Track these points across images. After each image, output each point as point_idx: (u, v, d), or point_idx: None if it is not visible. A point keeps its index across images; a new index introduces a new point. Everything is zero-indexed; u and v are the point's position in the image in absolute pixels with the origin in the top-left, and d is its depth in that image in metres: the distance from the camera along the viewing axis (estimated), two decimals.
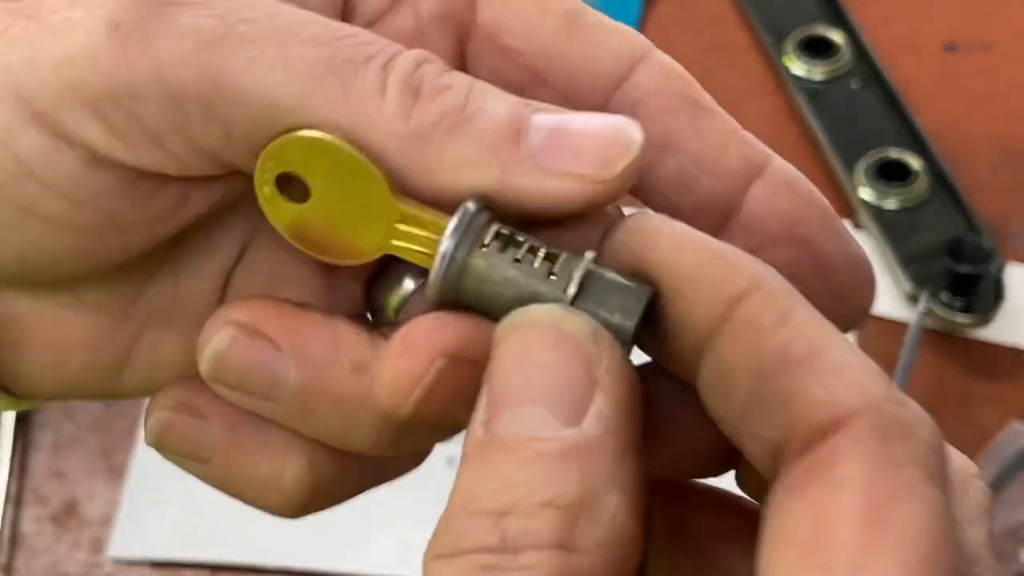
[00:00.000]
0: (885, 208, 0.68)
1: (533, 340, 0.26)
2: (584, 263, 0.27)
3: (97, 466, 0.63)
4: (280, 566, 0.59)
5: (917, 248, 0.67)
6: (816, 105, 0.73)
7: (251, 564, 0.59)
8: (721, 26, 0.78)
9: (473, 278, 0.28)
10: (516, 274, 0.28)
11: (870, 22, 0.76)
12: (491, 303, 0.28)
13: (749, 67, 0.76)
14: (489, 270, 0.28)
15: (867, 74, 0.74)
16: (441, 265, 0.28)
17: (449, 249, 0.28)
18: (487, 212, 0.28)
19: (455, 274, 0.28)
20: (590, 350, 0.26)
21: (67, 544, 0.61)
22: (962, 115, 0.73)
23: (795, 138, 0.73)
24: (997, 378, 0.64)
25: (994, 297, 0.65)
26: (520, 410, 0.26)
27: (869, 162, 0.70)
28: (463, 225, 0.28)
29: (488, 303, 0.28)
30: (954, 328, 0.65)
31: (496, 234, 0.28)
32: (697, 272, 0.27)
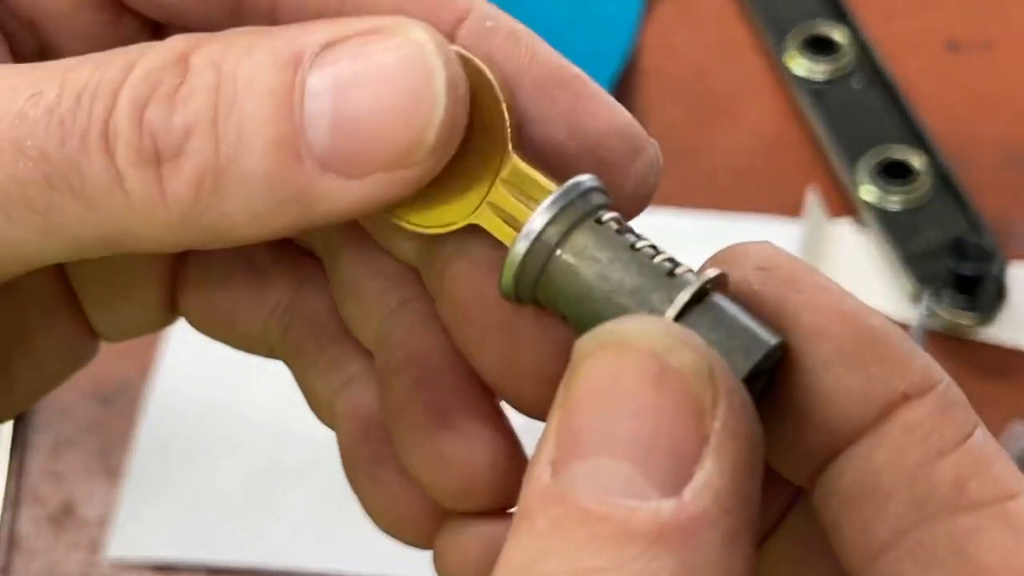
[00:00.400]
0: (887, 208, 0.68)
1: (628, 370, 0.20)
2: (705, 278, 0.22)
3: (95, 467, 0.63)
4: (279, 567, 0.59)
5: (919, 248, 0.66)
6: (818, 104, 0.72)
7: (250, 565, 0.59)
8: (722, 24, 0.78)
9: (571, 252, 0.23)
10: (629, 259, 0.23)
11: (872, 20, 0.76)
12: (578, 295, 0.23)
13: (750, 66, 0.76)
14: (595, 247, 0.23)
15: (869, 73, 0.74)
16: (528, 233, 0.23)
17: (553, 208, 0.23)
18: (602, 194, 0.24)
19: (550, 242, 0.23)
20: (703, 395, 0.20)
21: (65, 545, 0.61)
22: (965, 114, 0.73)
23: (797, 137, 0.73)
24: (1000, 378, 0.64)
25: (997, 297, 0.64)
26: (603, 462, 0.20)
27: (871, 161, 0.69)
28: (575, 189, 0.23)
29: (575, 295, 0.23)
30: (956, 328, 0.64)
31: (616, 219, 0.24)
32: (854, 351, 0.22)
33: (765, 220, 0.69)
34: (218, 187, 0.22)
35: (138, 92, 0.22)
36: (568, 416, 0.21)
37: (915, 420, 0.21)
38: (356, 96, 0.22)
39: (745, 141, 0.72)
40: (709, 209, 0.69)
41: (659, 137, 0.28)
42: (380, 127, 0.23)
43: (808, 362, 0.22)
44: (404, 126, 0.23)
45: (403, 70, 0.23)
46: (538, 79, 0.25)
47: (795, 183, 0.70)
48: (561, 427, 0.21)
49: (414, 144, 0.23)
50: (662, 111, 0.73)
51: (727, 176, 0.71)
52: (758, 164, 0.72)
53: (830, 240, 0.68)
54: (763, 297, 0.23)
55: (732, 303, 0.22)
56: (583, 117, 0.25)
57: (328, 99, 0.22)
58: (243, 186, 0.22)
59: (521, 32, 0.26)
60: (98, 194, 0.23)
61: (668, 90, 0.74)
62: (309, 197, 0.23)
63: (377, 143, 0.23)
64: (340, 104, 0.22)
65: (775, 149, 0.72)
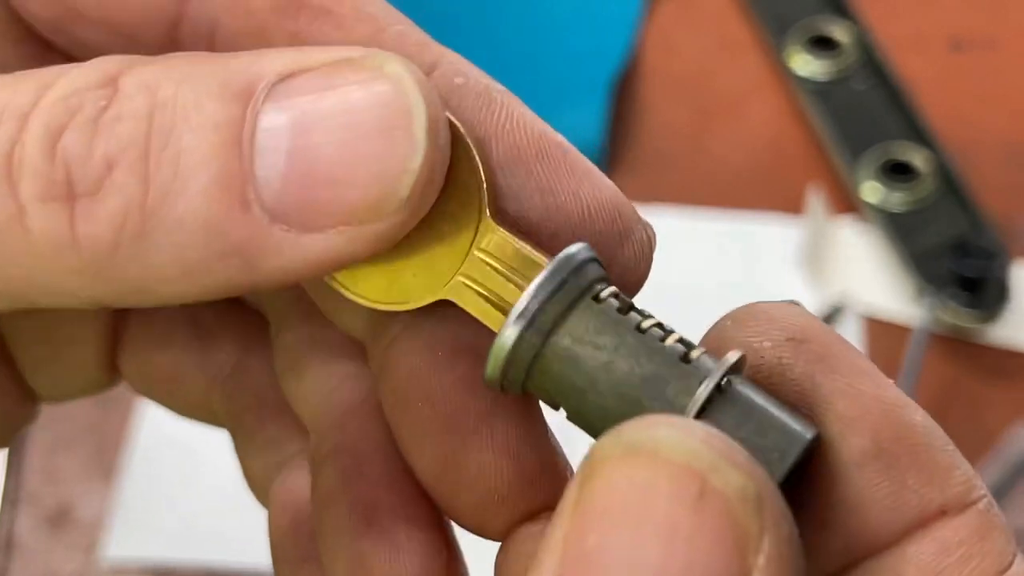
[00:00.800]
0: (890, 207, 0.68)
1: (661, 487, 0.17)
2: (728, 360, 0.19)
3: (92, 469, 0.62)
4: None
5: (923, 247, 0.66)
6: (820, 103, 0.72)
7: (246, 567, 0.59)
8: (724, 23, 0.78)
9: (568, 337, 0.20)
10: (636, 343, 0.20)
11: (875, 19, 0.76)
12: (580, 387, 0.20)
13: (752, 65, 0.76)
14: (596, 331, 0.20)
15: (872, 72, 0.74)
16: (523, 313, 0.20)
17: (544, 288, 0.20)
18: (598, 266, 0.21)
19: (542, 329, 0.20)
20: (748, 524, 0.17)
21: (62, 546, 0.61)
22: (968, 114, 0.72)
23: (798, 136, 0.72)
24: (1003, 379, 0.64)
25: (1000, 297, 0.64)
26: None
27: (874, 161, 0.69)
28: (567, 265, 0.20)
29: (575, 386, 0.20)
30: (960, 328, 0.64)
31: (615, 295, 0.20)
32: (891, 452, 0.19)
33: (767, 219, 0.69)
34: (144, 232, 0.19)
35: (52, 116, 0.19)
36: (580, 530, 0.17)
37: (952, 541, 0.19)
38: (317, 135, 0.19)
39: (747, 140, 0.72)
40: (711, 208, 0.69)
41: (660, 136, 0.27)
42: (345, 172, 0.19)
43: (839, 457, 0.20)
44: (374, 172, 0.19)
45: (375, 107, 0.19)
46: (512, 147, 0.21)
47: (797, 182, 0.69)
48: (571, 542, 0.17)
49: (385, 194, 0.19)
50: (663, 110, 0.72)
51: (729, 175, 0.71)
52: (760, 163, 0.71)
53: (832, 239, 0.67)
54: (792, 374, 0.20)
55: (757, 390, 0.20)
56: (562, 194, 0.22)
57: (284, 137, 0.19)
58: (175, 233, 0.19)
59: (496, 92, 0.22)
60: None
61: (669, 89, 0.73)
62: (255, 251, 0.19)
63: (340, 191, 0.19)
64: (298, 144, 0.19)
65: (777, 148, 0.72)
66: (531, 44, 0.77)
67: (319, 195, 0.19)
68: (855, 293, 0.66)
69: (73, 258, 0.19)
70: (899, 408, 0.20)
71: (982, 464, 0.60)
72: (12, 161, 0.18)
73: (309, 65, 0.19)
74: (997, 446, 0.60)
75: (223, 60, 0.19)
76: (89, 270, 0.19)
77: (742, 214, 0.69)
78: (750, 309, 0.21)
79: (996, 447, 0.60)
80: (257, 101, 0.19)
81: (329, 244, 0.19)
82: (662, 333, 0.20)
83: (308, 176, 0.19)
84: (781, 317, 0.21)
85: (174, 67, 0.19)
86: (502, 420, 0.22)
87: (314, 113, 0.19)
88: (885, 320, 0.65)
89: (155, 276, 0.19)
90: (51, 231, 0.19)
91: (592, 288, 0.20)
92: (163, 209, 0.19)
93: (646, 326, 0.20)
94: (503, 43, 0.77)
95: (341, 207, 0.19)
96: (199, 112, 0.19)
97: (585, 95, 0.72)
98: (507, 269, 0.21)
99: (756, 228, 0.68)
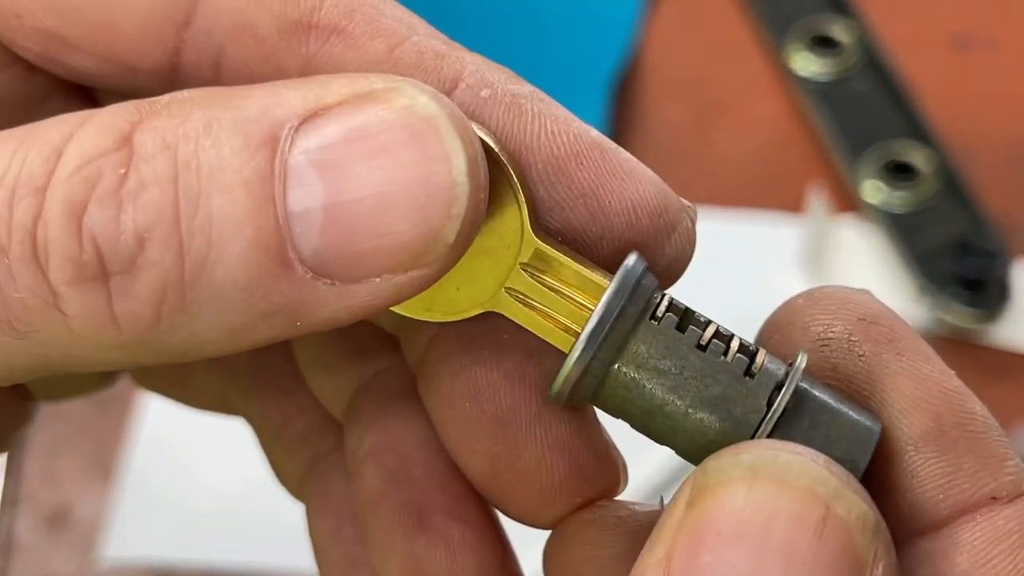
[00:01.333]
0: (891, 207, 0.68)
1: (784, 511, 0.17)
2: (797, 371, 0.20)
3: (91, 469, 0.62)
4: (275, 569, 0.59)
5: (924, 247, 0.66)
6: (821, 102, 0.72)
7: (245, 567, 0.59)
8: (724, 23, 0.77)
9: (632, 364, 0.20)
10: (700, 364, 0.20)
11: (876, 18, 0.75)
12: (647, 410, 0.20)
13: (753, 64, 0.75)
14: (659, 355, 0.20)
15: (873, 71, 0.73)
16: (592, 340, 0.19)
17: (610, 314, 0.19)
18: (652, 275, 0.21)
19: (608, 356, 0.20)
20: (866, 552, 0.17)
21: (61, 547, 0.61)
22: (970, 113, 0.72)
23: (799, 135, 0.72)
24: (1005, 378, 0.64)
25: (1002, 297, 0.64)
26: None
27: (875, 160, 0.69)
28: (628, 286, 0.20)
29: (643, 409, 0.20)
30: (961, 329, 0.64)
31: (670, 305, 0.21)
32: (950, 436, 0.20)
33: (767, 218, 0.69)
34: (185, 304, 0.18)
35: (71, 190, 0.17)
36: (691, 548, 0.17)
37: (1004, 530, 0.20)
38: (353, 185, 0.18)
39: (748, 139, 0.72)
40: (711, 207, 0.69)
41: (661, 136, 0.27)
42: (386, 222, 0.18)
43: (899, 435, 0.20)
44: (417, 220, 0.18)
45: (412, 152, 0.18)
46: (550, 158, 0.21)
47: (798, 181, 0.69)
48: (680, 557, 0.17)
49: (430, 242, 0.18)
50: (664, 110, 0.72)
51: (730, 174, 0.71)
52: (761, 162, 0.71)
53: (833, 239, 0.67)
54: (860, 351, 0.21)
55: (822, 390, 0.20)
56: (606, 197, 0.21)
57: (318, 189, 0.18)
58: (217, 301, 0.18)
59: (523, 100, 0.21)
60: (29, 319, 0.18)
61: (670, 89, 0.73)
62: (299, 308, 0.18)
63: (383, 242, 0.18)
64: (333, 195, 0.18)
65: (778, 147, 0.72)
66: (531, 44, 0.77)
67: (361, 246, 0.18)
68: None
69: (115, 336, 0.18)
70: (960, 395, 0.21)
71: None
72: (37, 243, 0.18)
73: (331, 102, 0.18)
74: None
75: (238, 101, 0.18)
76: (131, 345, 0.18)
77: (743, 213, 0.69)
78: (823, 290, 0.21)
79: None
80: (283, 150, 0.18)
81: (374, 292, 0.18)
82: (723, 346, 0.20)
83: (348, 229, 0.18)
84: (853, 299, 0.21)
85: (189, 116, 0.18)
86: (554, 416, 0.22)
87: (346, 161, 0.18)
88: None
89: (200, 341, 0.18)
90: (88, 313, 0.18)
91: (650, 305, 0.20)
92: (202, 279, 0.18)
93: (706, 340, 0.20)
94: (503, 43, 0.77)
95: (386, 257, 0.18)
96: (224, 170, 0.18)
97: (585, 95, 0.72)
98: (555, 281, 0.21)
99: (757, 228, 0.68)
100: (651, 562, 0.17)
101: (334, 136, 0.18)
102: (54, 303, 0.18)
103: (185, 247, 0.18)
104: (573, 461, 0.22)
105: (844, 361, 0.21)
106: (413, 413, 0.24)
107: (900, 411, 0.21)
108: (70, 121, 0.18)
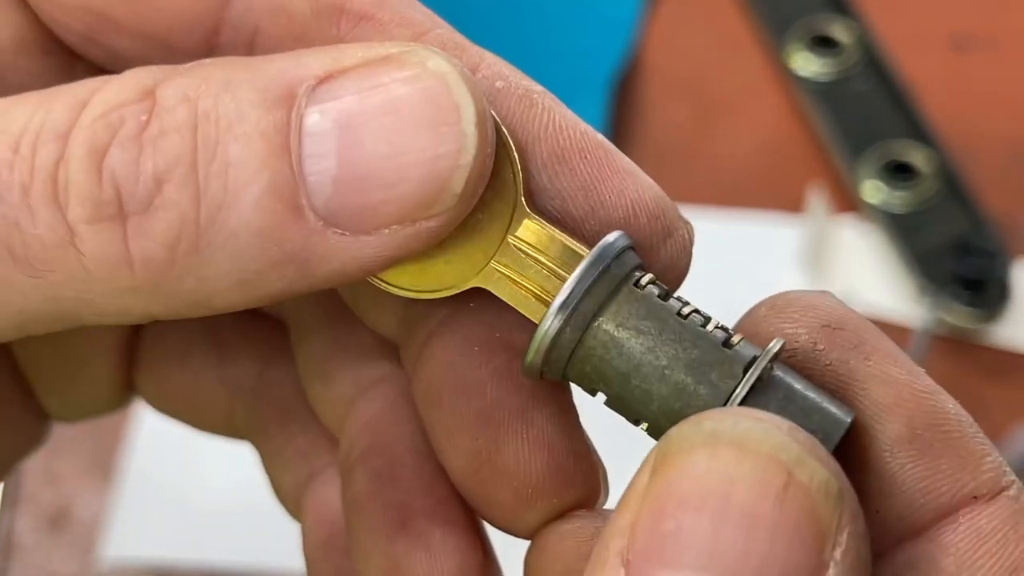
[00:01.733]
0: (891, 207, 0.68)
1: (745, 477, 0.17)
2: (772, 350, 0.20)
3: (91, 469, 0.62)
4: (275, 569, 0.59)
5: (924, 247, 0.66)
6: (821, 102, 0.72)
7: (245, 567, 0.59)
8: (724, 22, 0.77)
9: (612, 322, 0.20)
10: (680, 328, 0.20)
11: (876, 18, 0.75)
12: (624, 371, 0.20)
13: (753, 64, 0.76)
14: (639, 316, 0.20)
15: (873, 71, 0.73)
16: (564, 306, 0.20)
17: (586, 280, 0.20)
18: (635, 254, 0.21)
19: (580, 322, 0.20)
20: (829, 518, 0.17)
21: (61, 547, 0.61)
22: (969, 113, 0.72)
23: (799, 135, 0.72)
24: (1005, 379, 0.64)
25: (1002, 297, 0.64)
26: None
27: (875, 160, 0.69)
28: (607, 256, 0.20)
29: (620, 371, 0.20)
30: (961, 329, 0.64)
31: (653, 281, 0.21)
32: (924, 437, 0.20)
33: (768, 218, 0.69)
34: (199, 247, 0.18)
35: (94, 135, 0.18)
36: (655, 515, 0.17)
37: (987, 529, 0.20)
38: (366, 136, 0.19)
39: (748, 139, 0.72)
40: (711, 207, 0.69)
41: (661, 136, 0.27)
42: (397, 172, 0.19)
43: (873, 442, 0.20)
44: (427, 171, 0.19)
45: (423, 104, 0.19)
46: (556, 148, 0.22)
47: (798, 181, 0.69)
48: (644, 524, 0.17)
49: (439, 191, 0.19)
50: (664, 109, 0.72)
51: (729, 174, 0.71)
52: (761, 162, 0.71)
53: (833, 239, 0.67)
54: (826, 360, 0.20)
55: (796, 377, 0.20)
56: (606, 192, 0.22)
57: (332, 141, 0.18)
58: (231, 246, 0.18)
59: (536, 95, 0.22)
60: (45, 258, 0.18)
61: (670, 88, 0.73)
62: (310, 257, 0.19)
63: (393, 192, 0.19)
64: (347, 146, 0.19)
65: (778, 147, 0.72)
66: (531, 44, 0.77)
67: (372, 197, 0.19)
68: (856, 293, 0.65)
69: (128, 277, 0.18)
70: (932, 395, 0.20)
71: None
72: (57, 183, 0.18)
73: (348, 64, 0.19)
74: (999, 446, 0.60)
75: (259, 64, 0.19)
76: (145, 287, 0.19)
77: (743, 214, 0.69)
78: (785, 296, 0.21)
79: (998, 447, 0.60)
80: (300, 105, 0.19)
81: (384, 243, 0.19)
82: (703, 319, 0.21)
83: (360, 178, 0.19)
84: (816, 305, 0.21)
85: (210, 76, 0.19)
86: (538, 413, 0.22)
87: (360, 114, 0.19)
88: (886, 320, 0.65)
89: (211, 289, 0.19)
90: (104, 252, 0.18)
91: (632, 275, 0.21)
92: (216, 223, 0.18)
93: (686, 312, 0.21)
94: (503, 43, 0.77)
95: (396, 207, 0.19)
96: (243, 121, 0.18)
97: (585, 95, 0.72)
98: (543, 256, 0.21)
99: (757, 228, 0.68)
100: (616, 531, 0.17)
101: (349, 93, 0.19)
102: (71, 241, 0.18)
103: (202, 191, 0.18)
104: (553, 458, 0.22)
105: (812, 371, 0.21)
106: (406, 418, 0.25)
107: (873, 417, 0.20)
108: (95, 81, 0.19)
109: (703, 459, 0.17)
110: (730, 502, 0.17)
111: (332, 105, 0.19)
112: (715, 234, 0.68)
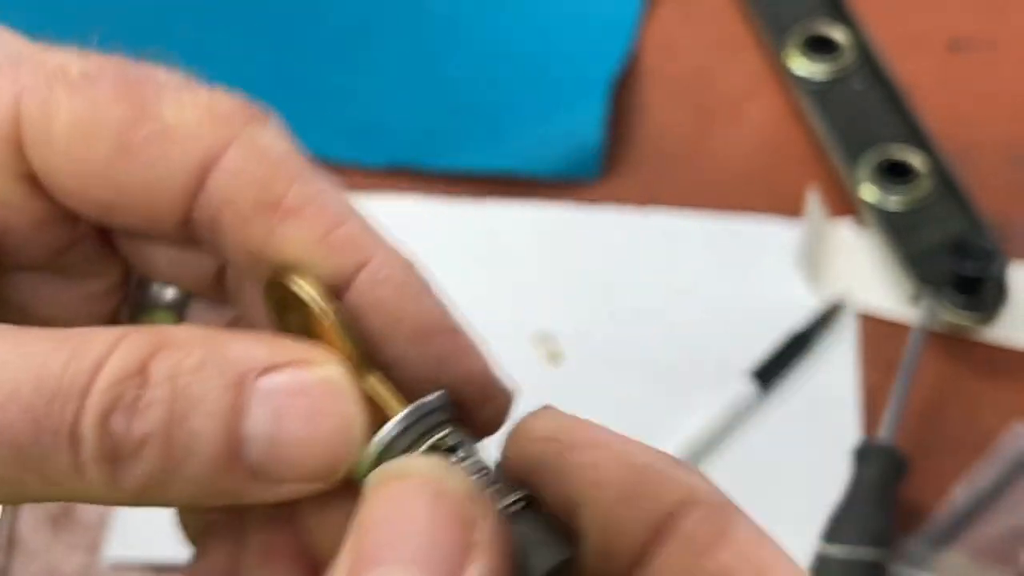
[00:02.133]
0: (888, 208, 0.68)
1: (410, 492, 0.25)
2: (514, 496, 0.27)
3: None
4: None
5: (920, 248, 0.66)
6: (818, 104, 0.72)
7: None
8: (723, 24, 0.78)
9: None
10: None
11: (873, 20, 0.76)
12: None
13: (751, 66, 0.76)
14: None
15: (870, 73, 0.74)
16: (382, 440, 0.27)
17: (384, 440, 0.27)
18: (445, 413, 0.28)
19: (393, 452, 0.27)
20: (472, 511, 0.25)
21: (64, 546, 0.61)
22: (966, 114, 0.73)
23: (797, 137, 0.73)
24: (1001, 379, 0.64)
25: (998, 297, 0.64)
26: (393, 569, 0.24)
27: (872, 161, 0.69)
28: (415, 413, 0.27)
29: None
30: (958, 329, 0.64)
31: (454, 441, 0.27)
32: (629, 491, 0.26)
33: (765, 220, 0.69)
34: (164, 485, 0.27)
35: (104, 401, 0.26)
36: (362, 535, 0.25)
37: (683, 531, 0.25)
38: (290, 427, 0.27)
39: (745, 141, 0.72)
40: (709, 209, 0.69)
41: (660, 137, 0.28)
42: (306, 454, 0.27)
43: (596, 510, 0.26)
44: (325, 458, 0.27)
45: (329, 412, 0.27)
46: (417, 327, 0.29)
47: (795, 183, 0.69)
48: (355, 546, 0.25)
49: (330, 471, 0.27)
50: (663, 111, 0.72)
51: (727, 176, 0.71)
52: (758, 164, 0.72)
53: (830, 240, 0.68)
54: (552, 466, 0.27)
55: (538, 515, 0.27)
56: (449, 363, 0.29)
57: (267, 426, 0.27)
58: (185, 485, 0.27)
59: (409, 285, 0.29)
60: (60, 479, 0.26)
61: (669, 90, 0.74)
62: (240, 493, 0.27)
63: (301, 467, 0.27)
64: (276, 432, 0.27)
65: (775, 149, 0.72)
66: (531, 44, 0.77)
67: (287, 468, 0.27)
68: (853, 293, 0.66)
69: (113, 495, 0.27)
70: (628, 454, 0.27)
71: (980, 463, 0.60)
72: (75, 432, 0.26)
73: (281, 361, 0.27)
74: (994, 445, 0.61)
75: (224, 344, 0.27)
76: (122, 501, 0.27)
77: (741, 215, 0.69)
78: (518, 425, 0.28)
79: (993, 446, 0.61)
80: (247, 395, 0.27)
81: (292, 491, 0.27)
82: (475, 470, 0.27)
83: (280, 454, 0.27)
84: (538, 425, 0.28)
85: (189, 354, 0.27)
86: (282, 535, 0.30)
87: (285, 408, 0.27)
88: (883, 320, 0.65)
89: (168, 502, 0.27)
90: (100, 481, 0.26)
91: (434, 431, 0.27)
92: (178, 472, 0.27)
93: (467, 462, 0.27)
94: (503, 43, 0.77)
95: (300, 474, 0.27)
96: (205, 401, 0.27)
97: (585, 96, 0.72)
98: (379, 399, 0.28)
99: (755, 229, 0.69)
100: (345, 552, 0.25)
101: (281, 388, 0.27)
102: (81, 472, 0.26)
103: (171, 451, 0.26)
104: None
105: None
106: None
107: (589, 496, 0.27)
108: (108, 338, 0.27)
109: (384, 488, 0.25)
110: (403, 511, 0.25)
111: (269, 400, 0.27)
112: (713, 236, 0.69)
